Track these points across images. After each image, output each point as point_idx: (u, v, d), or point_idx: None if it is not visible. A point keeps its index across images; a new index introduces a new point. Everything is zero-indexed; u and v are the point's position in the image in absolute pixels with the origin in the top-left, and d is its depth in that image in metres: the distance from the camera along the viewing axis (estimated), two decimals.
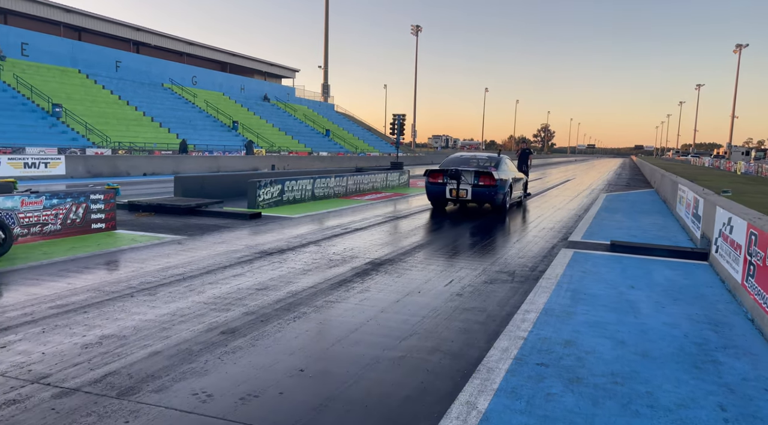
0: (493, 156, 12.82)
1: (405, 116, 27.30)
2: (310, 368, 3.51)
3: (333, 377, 3.38)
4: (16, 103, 30.08)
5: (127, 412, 2.87)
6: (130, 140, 32.06)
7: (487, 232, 9.63)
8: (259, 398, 3.08)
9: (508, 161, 13.04)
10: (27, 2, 39.98)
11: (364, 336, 4.14)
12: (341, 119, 66.53)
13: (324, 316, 4.61)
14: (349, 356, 3.74)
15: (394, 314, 4.68)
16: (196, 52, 54.67)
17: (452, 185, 11.74)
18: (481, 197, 11.63)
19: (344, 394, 3.14)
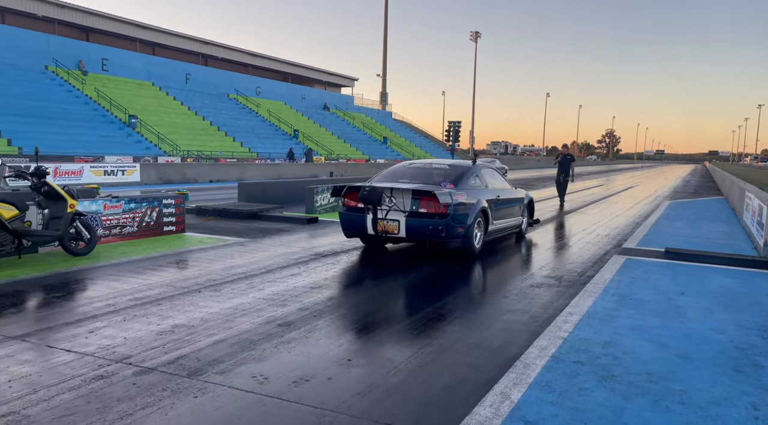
0: (459, 166, 8.15)
1: (461, 123, 27.40)
2: (357, 358, 3.81)
3: (376, 366, 3.66)
4: (96, 115, 32.36)
5: (196, 389, 3.25)
6: (198, 149, 33.75)
7: (545, 241, 9.65)
8: (310, 382, 3.40)
9: (487, 175, 8.32)
10: (108, 20, 42.92)
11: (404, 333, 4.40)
12: (398, 127, 67.14)
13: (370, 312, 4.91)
14: (392, 347, 4.01)
15: (436, 315, 4.91)
16: (259, 63, 56.80)
17: (377, 212, 7.12)
18: (420, 232, 6.95)
19: (386, 381, 3.41)
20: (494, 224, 7.92)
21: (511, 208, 8.71)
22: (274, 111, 47.92)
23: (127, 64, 40.08)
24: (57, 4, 39.46)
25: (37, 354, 3.71)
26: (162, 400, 3.08)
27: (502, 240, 9.08)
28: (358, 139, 53.13)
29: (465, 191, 7.28)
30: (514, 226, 9.03)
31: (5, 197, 6.51)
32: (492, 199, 7.84)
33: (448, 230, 6.88)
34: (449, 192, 6.97)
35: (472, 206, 7.21)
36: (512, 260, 7.51)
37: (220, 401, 3.10)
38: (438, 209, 6.85)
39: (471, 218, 7.11)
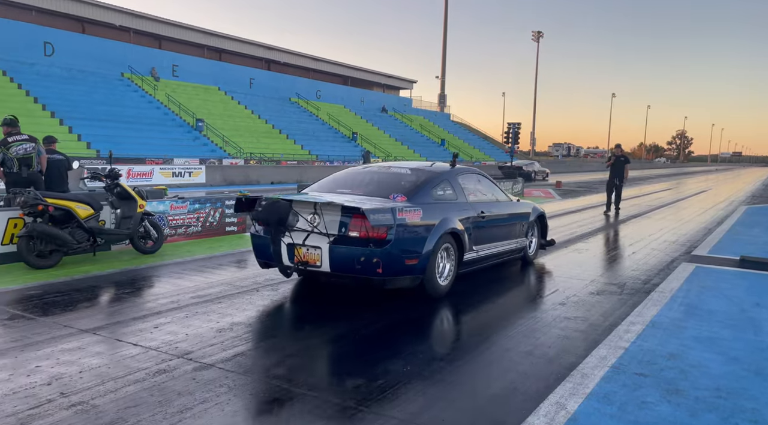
0: (424, 171, 5.93)
1: (520, 125, 26.88)
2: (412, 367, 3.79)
3: (420, 373, 3.63)
4: (167, 120, 33.96)
5: (251, 386, 3.35)
6: (260, 151, 34.77)
7: (609, 242, 9.30)
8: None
9: (468, 183, 6.21)
10: (178, 28, 44.97)
11: (465, 335, 4.35)
12: (457, 128, 66.63)
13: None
14: (441, 354, 3.97)
15: (497, 318, 4.83)
16: (320, 67, 57.87)
17: (293, 237, 5.08)
18: (349, 266, 4.87)
19: (433, 386, 3.37)
20: (476, 250, 5.82)
21: (507, 227, 6.56)
22: (333, 114, 48.69)
23: (196, 70, 41.81)
24: (133, 14, 41.73)
25: (107, 347, 3.92)
26: (219, 396, 3.18)
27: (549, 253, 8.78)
28: (415, 141, 53.14)
29: (422, 207, 5.15)
30: (513, 250, 6.77)
31: (82, 197, 6.93)
32: (471, 217, 5.74)
33: (388, 264, 4.72)
34: (391, 209, 4.80)
35: (432, 227, 5.13)
36: (570, 266, 7.28)
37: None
38: (372, 232, 4.71)
39: (430, 245, 5.04)
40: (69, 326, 4.33)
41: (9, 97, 26.81)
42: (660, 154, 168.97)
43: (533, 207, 7.40)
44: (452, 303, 5.32)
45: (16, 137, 7.23)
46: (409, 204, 5.10)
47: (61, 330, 4.24)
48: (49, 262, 6.37)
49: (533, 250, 7.45)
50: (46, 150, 7.86)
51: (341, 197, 5.29)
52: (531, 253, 7.37)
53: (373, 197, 5.26)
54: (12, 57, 30.46)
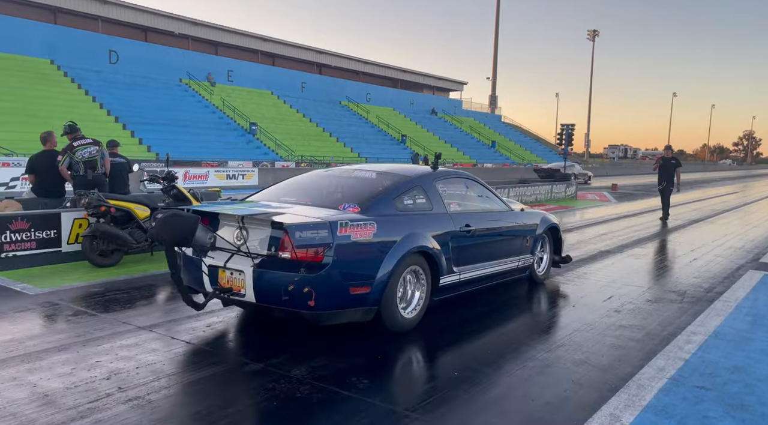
0: (393, 174, 4.93)
1: (574, 126, 26.11)
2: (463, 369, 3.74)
3: (479, 377, 3.56)
4: (222, 123, 35.01)
5: (307, 389, 3.38)
6: (311, 154, 35.32)
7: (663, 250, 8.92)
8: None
9: (451, 188, 5.22)
10: (234, 34, 46.32)
11: (513, 342, 4.25)
12: (508, 130, 65.62)
13: (467, 327, 4.80)
14: (493, 360, 3.89)
15: (545, 325, 4.70)
16: (370, 70, 58.27)
17: (217, 258, 4.08)
18: (274, 295, 3.82)
19: (485, 394, 3.31)
20: (458, 272, 4.76)
21: (504, 242, 5.46)
22: (383, 117, 48.90)
23: (250, 75, 42.90)
24: (191, 22, 43.29)
25: (162, 344, 4.06)
26: (263, 400, 3.23)
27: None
28: (465, 143, 52.63)
29: (379, 220, 4.11)
30: (513, 270, 5.64)
31: (140, 199, 7.22)
32: (451, 231, 4.69)
33: (324, 294, 3.75)
34: (329, 224, 3.80)
35: (392, 245, 4.11)
36: (626, 272, 7.00)
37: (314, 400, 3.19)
38: (303, 253, 3.72)
39: (387, 268, 4.02)
40: (127, 322, 4.52)
41: (77, 104, 28.31)
42: (725, 156, 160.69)
43: (542, 218, 6.19)
44: (502, 307, 5.21)
45: (81, 141, 7.59)
46: (361, 217, 4.02)
47: (120, 326, 4.42)
48: (110, 261, 6.67)
49: (543, 268, 6.21)
50: (109, 153, 8.23)
51: (279, 207, 4.23)
52: (540, 272, 6.15)
53: (322, 208, 4.20)
54: (80, 65, 32.14)
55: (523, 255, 5.77)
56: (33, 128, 19.52)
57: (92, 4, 37.22)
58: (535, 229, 5.98)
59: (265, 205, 4.39)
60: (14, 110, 24.52)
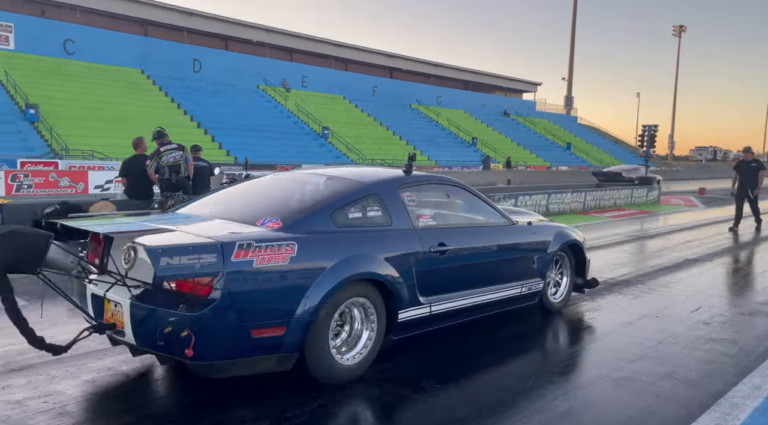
0: (345, 180, 3.98)
1: (657, 127, 24.72)
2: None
3: (549, 387, 3.46)
4: (296, 128, 36.07)
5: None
6: (381, 157, 35.65)
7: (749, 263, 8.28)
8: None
9: (424, 196, 4.30)
10: (308, 41, 47.60)
11: (586, 353, 4.09)
12: (584, 132, 63.32)
13: (546, 332, 4.66)
14: (568, 370, 3.76)
15: (624, 336, 4.48)
16: (440, 73, 58.06)
17: (101, 285, 3.22)
18: (151, 338, 2.91)
19: (556, 408, 3.20)
20: (428, 304, 3.79)
21: (500, 264, 4.43)
22: (453, 119, 48.55)
23: (323, 81, 43.91)
24: (268, 30, 44.91)
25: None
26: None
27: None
28: (539, 145, 51.26)
29: (305, 239, 3.21)
30: (514, 298, 4.58)
31: None
32: (417, 252, 3.72)
33: (209, 340, 2.90)
34: (218, 245, 2.91)
35: (320, 272, 3.20)
36: (716, 282, 6.55)
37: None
38: (185, 284, 2.98)
39: (312, 302, 3.13)
40: None
41: (164, 111, 30.08)
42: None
43: (557, 233, 5.04)
44: (571, 319, 5.03)
45: (167, 147, 8.06)
46: (276, 235, 3.14)
47: None
48: None
49: (561, 294, 5.12)
50: (192, 157, 8.69)
51: (177, 221, 3.49)
52: (557, 299, 5.07)
53: (240, 223, 3.33)
54: (167, 74, 34.13)
55: (529, 279, 4.66)
56: (125, 133, 20.93)
57: (179, 16, 39.45)
58: (545, 247, 4.85)
59: (158, 219, 3.63)
60: (109, 118, 26.39)
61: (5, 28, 28.42)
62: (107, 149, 22.51)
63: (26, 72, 27.00)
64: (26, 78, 26.34)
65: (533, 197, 13.34)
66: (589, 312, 5.16)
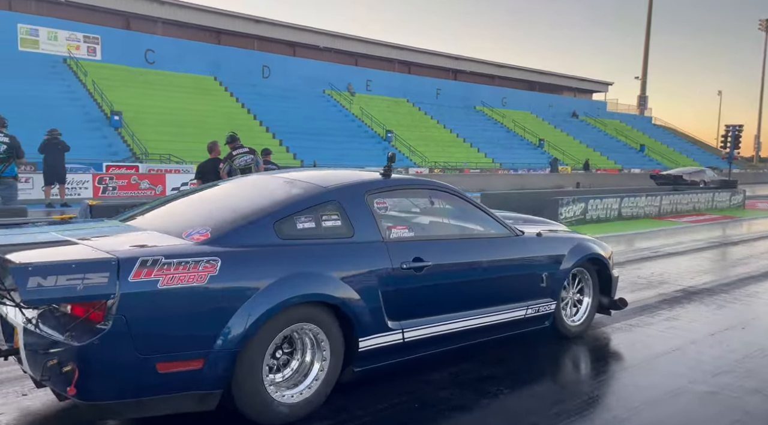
0: (300, 183, 3.43)
1: (742, 127, 23.16)
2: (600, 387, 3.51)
3: (623, 400, 3.31)
4: (360, 132, 36.55)
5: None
6: (444, 160, 35.48)
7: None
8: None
9: (397, 201, 3.85)
10: (372, 45, 48.12)
11: (665, 364, 3.89)
12: (659, 132, 60.39)
13: (620, 339, 4.47)
14: (644, 382, 3.58)
15: (707, 348, 4.23)
16: (505, 73, 57.09)
17: None
18: (38, 369, 2.50)
19: (635, 417, 3.06)
20: (400, 330, 3.25)
21: (496, 282, 3.82)
22: (519, 121, 47.61)
23: (387, 84, 44.23)
24: (334, 35, 45.81)
25: None
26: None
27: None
28: (610, 147, 49.34)
29: (227, 255, 2.72)
30: (517, 322, 3.93)
31: None
32: (386, 268, 3.19)
33: (94, 376, 2.44)
34: (118, 262, 2.44)
35: (247, 294, 2.72)
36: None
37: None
38: (83, 310, 2.53)
39: (235, 331, 2.66)
40: None
41: (235, 116, 31.28)
42: None
43: (575, 245, 4.33)
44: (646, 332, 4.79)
45: (239, 150, 8.38)
46: (195, 250, 2.68)
47: None
48: None
49: (582, 317, 4.44)
50: (263, 161, 8.99)
51: (107, 232, 3.19)
52: (575, 322, 4.39)
53: (165, 234, 2.90)
54: (238, 80, 35.49)
55: (536, 300, 3.99)
56: (199, 138, 21.94)
57: (249, 24, 40.93)
58: (559, 261, 4.16)
59: (79, 229, 3.24)
60: (184, 123, 27.76)
61: (93, 40, 30.52)
62: (183, 153, 23.65)
63: (111, 81, 28.87)
64: (111, 87, 28.16)
65: (604, 200, 12.84)
66: (668, 321, 4.91)
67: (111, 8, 33.89)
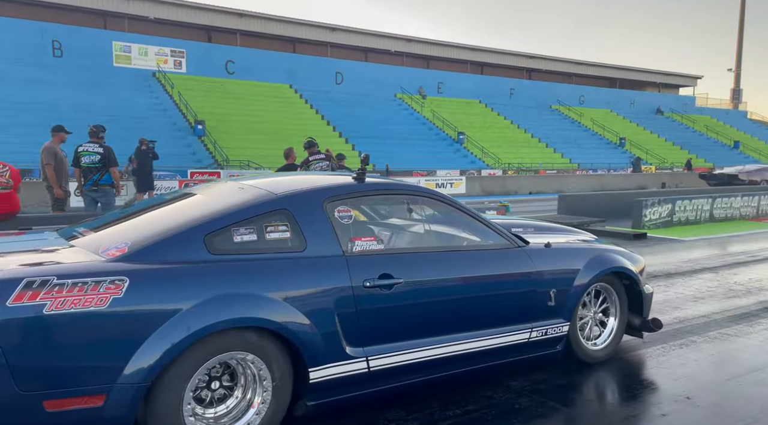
0: (251, 190, 3.02)
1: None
2: (698, 397, 3.27)
3: (725, 411, 3.07)
4: (431, 134, 36.46)
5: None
6: (518, 161, 34.68)
7: None
8: (638, 416, 3.07)
9: (364, 208, 3.49)
10: (443, 47, 47.88)
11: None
12: (756, 128, 55.99)
13: (717, 348, 4.16)
14: (747, 394, 3.31)
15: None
16: (583, 71, 54.99)
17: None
18: None
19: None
20: (363, 357, 2.81)
21: (486, 300, 3.29)
22: (597, 119, 45.71)
23: (458, 86, 43.87)
24: (405, 39, 46.01)
25: None
26: None
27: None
28: (699, 144, 46.30)
29: (138, 274, 2.36)
30: (517, 347, 3.39)
31: None
32: (345, 287, 2.77)
33: None
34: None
35: (159, 320, 2.34)
36: None
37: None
38: None
39: (144, 362, 2.29)
40: None
41: (308, 121, 32.15)
42: None
43: (594, 257, 3.76)
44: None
45: (315, 156, 8.59)
46: (104, 267, 2.36)
47: None
48: None
49: (606, 339, 3.85)
50: (337, 166, 9.16)
51: (30, 246, 2.91)
52: (598, 345, 3.81)
53: (86, 249, 2.60)
54: (312, 87, 36.47)
55: (543, 321, 3.45)
56: (275, 144, 22.75)
57: (323, 32, 41.93)
58: (572, 276, 3.59)
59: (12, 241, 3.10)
60: (262, 130, 28.86)
61: (179, 54, 32.41)
62: (260, 159, 24.58)
63: (195, 92, 30.53)
64: (195, 97, 29.77)
65: (693, 201, 12.04)
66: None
67: (194, 23, 35.83)
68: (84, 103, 25.35)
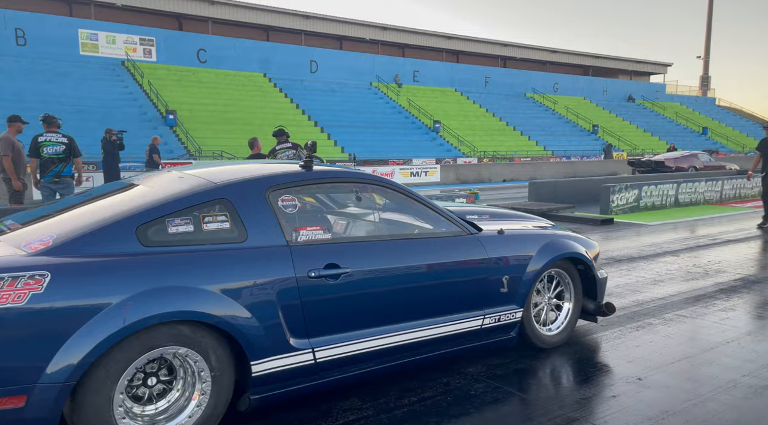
0: (190, 179, 2.91)
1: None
2: (650, 378, 3.35)
3: (675, 391, 3.15)
4: (407, 123, 36.42)
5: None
6: (493, 149, 34.90)
7: None
8: (590, 399, 3.13)
9: (308, 196, 3.36)
10: (419, 35, 47.77)
11: (719, 356, 3.68)
12: (724, 114, 57.24)
13: (672, 330, 4.26)
14: (698, 374, 3.40)
15: (765, 340, 3.97)
16: (557, 59, 55.45)
17: None
18: None
19: (686, 411, 2.91)
20: (309, 348, 2.78)
21: (436, 288, 3.25)
22: (571, 107, 46.20)
23: (434, 74, 43.85)
24: (381, 27, 45.72)
25: None
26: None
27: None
28: (669, 131, 47.14)
29: (59, 268, 2.25)
30: (469, 334, 3.40)
31: None
32: (289, 278, 2.72)
33: None
34: None
35: (84, 316, 2.25)
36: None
37: None
38: None
39: (67, 360, 2.20)
40: None
41: (283, 110, 31.82)
42: None
43: (548, 243, 3.77)
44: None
45: (282, 145, 8.49)
46: (23, 262, 2.23)
47: None
48: None
49: (561, 324, 3.89)
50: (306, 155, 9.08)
51: None
52: (553, 331, 3.85)
53: (12, 244, 2.45)
54: (286, 76, 36.06)
55: (495, 307, 3.46)
56: (249, 134, 22.44)
57: (297, 19, 41.42)
58: (525, 262, 3.60)
59: None
60: (235, 120, 28.47)
61: (148, 42, 31.68)
62: (234, 150, 24.28)
63: (166, 82, 29.93)
64: (166, 87, 29.19)
65: (659, 186, 12.28)
66: (723, 312, 4.63)
67: (164, 10, 35.04)
68: (50, 94, 24.70)
